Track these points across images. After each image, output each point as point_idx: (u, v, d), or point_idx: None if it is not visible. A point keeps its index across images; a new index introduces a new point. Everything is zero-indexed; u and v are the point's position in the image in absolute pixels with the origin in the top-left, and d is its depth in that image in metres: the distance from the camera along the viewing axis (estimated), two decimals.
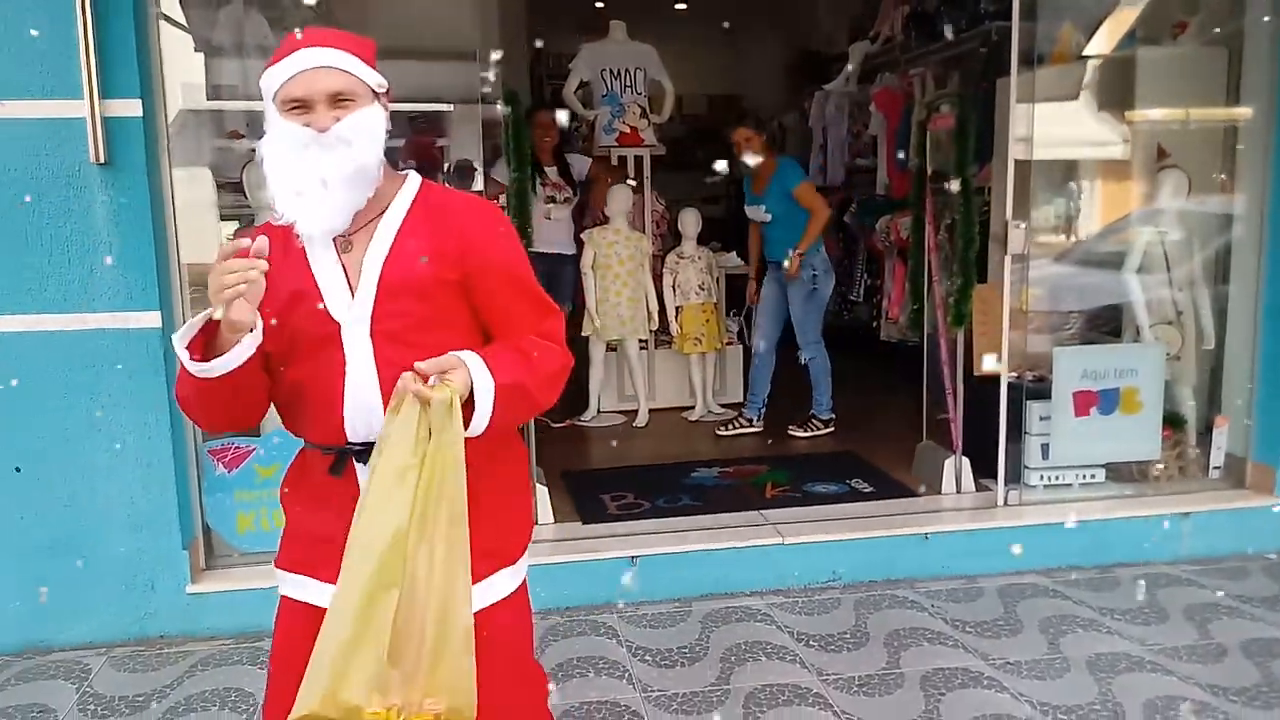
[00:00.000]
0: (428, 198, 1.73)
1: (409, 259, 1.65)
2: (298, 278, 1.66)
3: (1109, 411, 4.11)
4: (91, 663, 3.30)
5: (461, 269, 1.67)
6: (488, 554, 1.72)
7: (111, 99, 3.16)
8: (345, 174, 1.59)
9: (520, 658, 1.87)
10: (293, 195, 1.60)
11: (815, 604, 3.64)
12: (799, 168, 5.39)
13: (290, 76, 1.61)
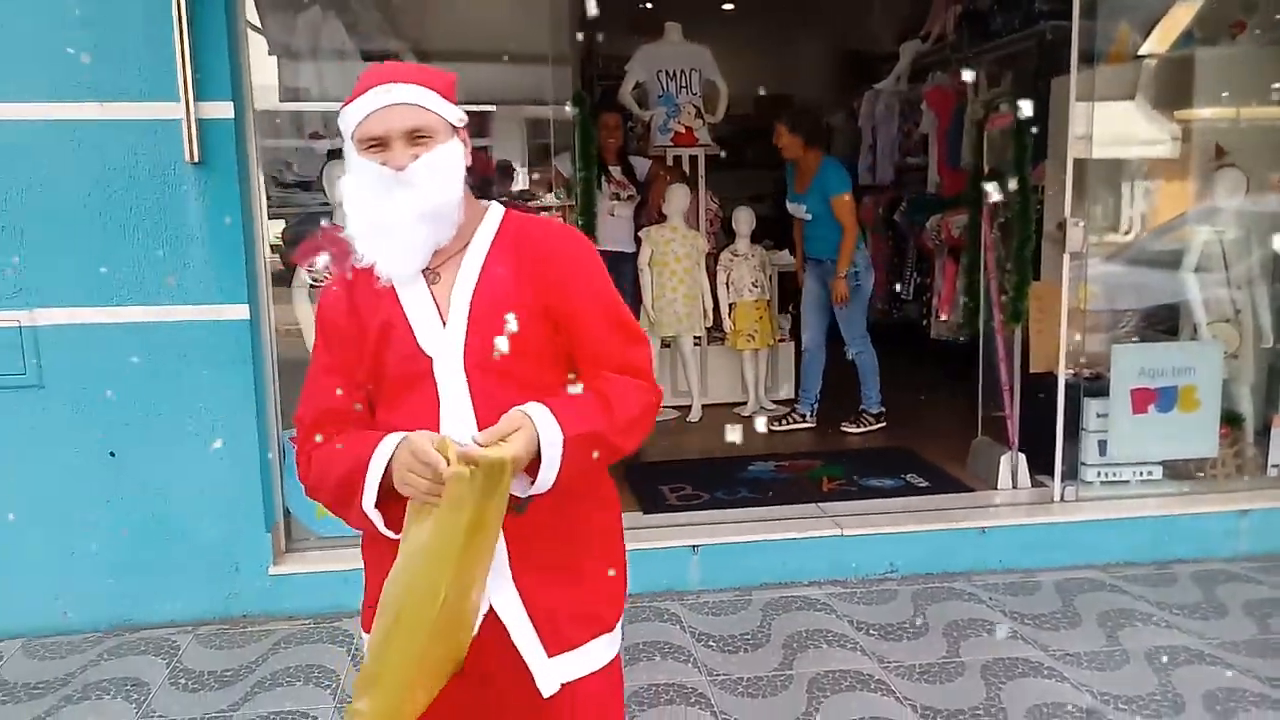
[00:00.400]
0: (512, 226, 1.67)
1: (497, 288, 1.60)
2: (388, 312, 1.59)
3: (1167, 409, 4.14)
4: (179, 640, 3.46)
5: (548, 298, 1.60)
6: (584, 619, 1.64)
7: (205, 101, 3.31)
8: (424, 212, 1.53)
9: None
10: (372, 236, 1.55)
11: (873, 595, 3.72)
12: (844, 174, 5.37)
13: (367, 114, 1.54)
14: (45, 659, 3.33)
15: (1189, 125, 4.69)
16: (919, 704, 2.97)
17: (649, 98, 5.97)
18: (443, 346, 1.57)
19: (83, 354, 3.38)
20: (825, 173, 5.26)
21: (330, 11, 4.18)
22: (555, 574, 1.62)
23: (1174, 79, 4.66)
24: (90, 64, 3.26)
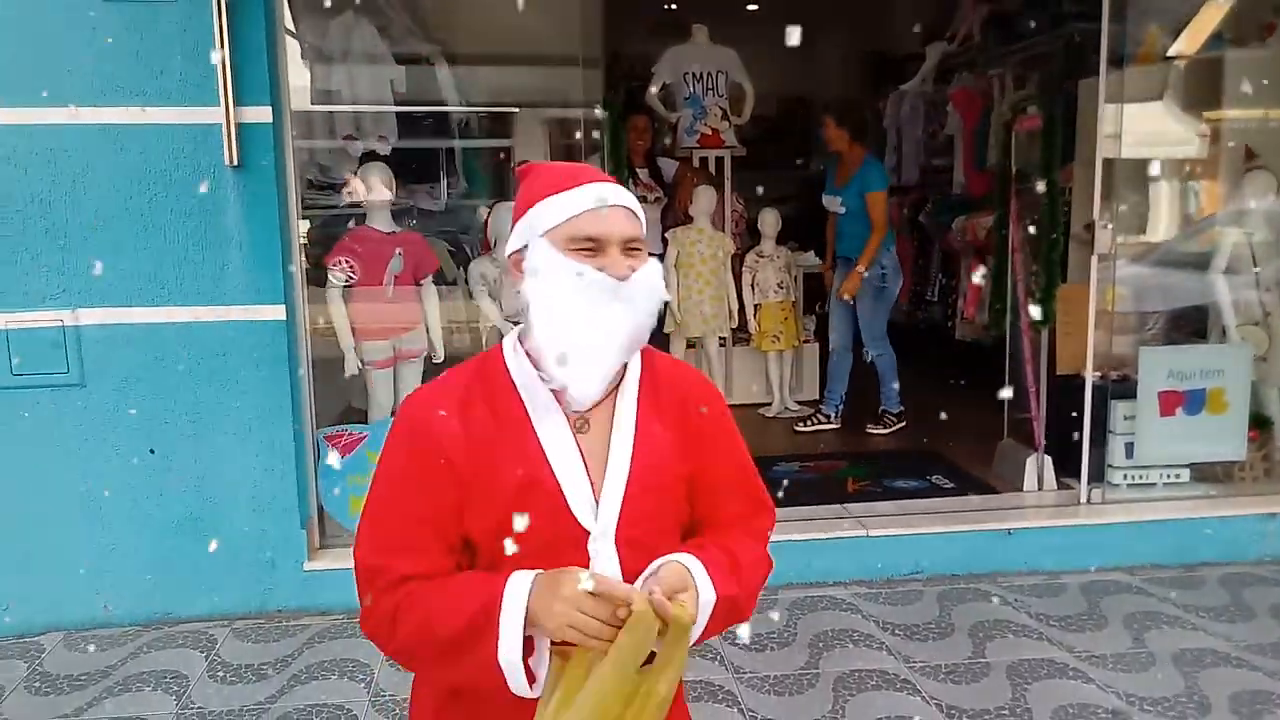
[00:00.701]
0: (654, 371, 1.46)
1: (654, 452, 1.40)
2: (532, 465, 1.35)
3: (1195, 412, 4.14)
4: (216, 633, 3.53)
5: (696, 463, 1.43)
6: None
7: (244, 106, 3.38)
8: (633, 333, 1.34)
9: None
10: (572, 350, 1.32)
11: (899, 595, 3.74)
12: (884, 173, 5.46)
13: (581, 211, 1.34)
14: (86, 651, 3.41)
15: (1218, 127, 4.69)
16: (944, 703, 3.00)
17: (675, 100, 6.01)
18: (599, 523, 1.35)
19: (123, 353, 3.46)
20: (867, 169, 5.31)
21: (363, 15, 4.24)
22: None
23: (1203, 81, 4.65)
24: (133, 69, 3.34)
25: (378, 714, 2.99)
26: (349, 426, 3.78)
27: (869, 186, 5.24)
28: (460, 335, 4.33)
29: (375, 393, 3.99)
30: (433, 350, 4.08)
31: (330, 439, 3.75)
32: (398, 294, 3.97)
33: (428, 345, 4.07)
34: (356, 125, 4.28)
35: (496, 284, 4.27)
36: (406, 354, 4.03)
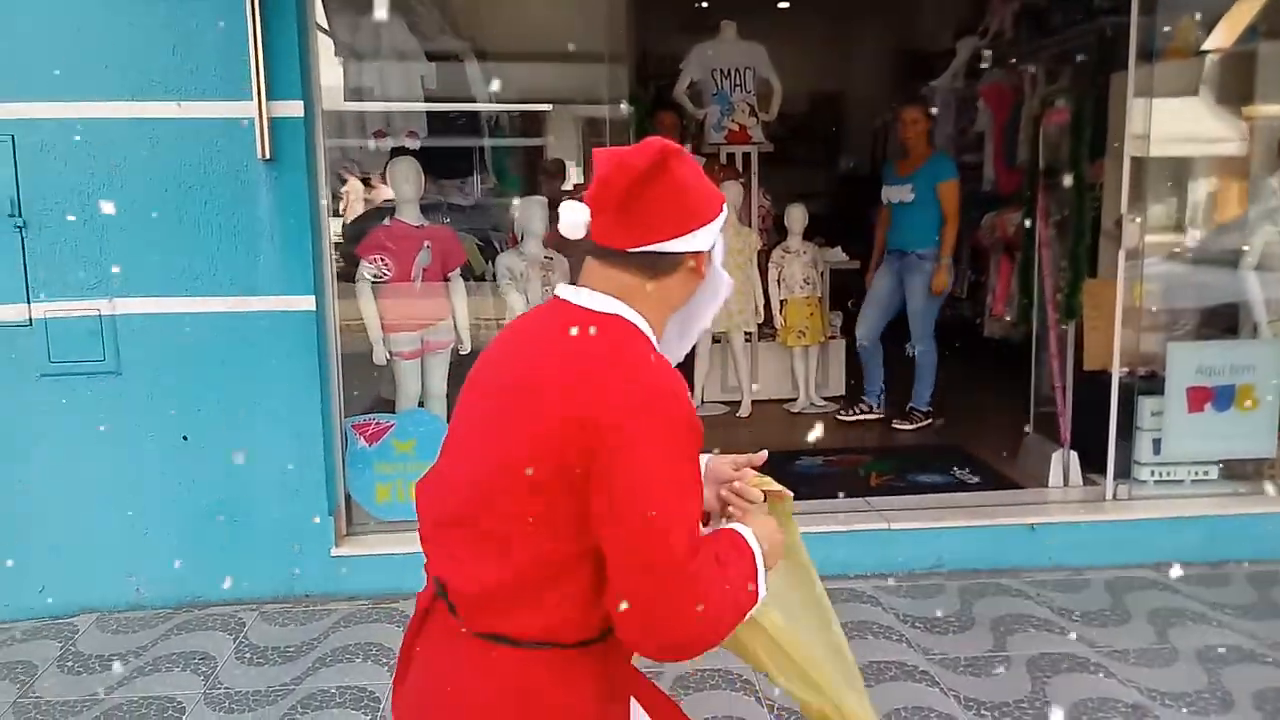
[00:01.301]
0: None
1: None
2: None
3: (1224, 408, 4.10)
4: (245, 617, 3.60)
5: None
6: None
7: (276, 100, 3.45)
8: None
9: None
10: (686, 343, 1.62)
11: (920, 589, 3.74)
12: (954, 165, 5.45)
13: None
14: (118, 632, 3.50)
15: (1252, 122, 4.63)
16: (963, 695, 3.00)
17: (703, 96, 6.03)
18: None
19: (158, 342, 3.54)
20: (937, 160, 5.33)
21: (394, 12, 4.30)
22: None
23: (1236, 75, 4.60)
24: (168, 65, 3.42)
25: None
26: (376, 415, 3.84)
27: (941, 176, 5.23)
28: (488, 329, 4.38)
29: (403, 383, 4.05)
30: (460, 342, 4.13)
31: (358, 427, 3.81)
32: (426, 287, 4.03)
33: (455, 338, 4.13)
34: (387, 121, 4.34)
35: (523, 278, 4.32)
36: (434, 346, 4.09)
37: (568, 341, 1.40)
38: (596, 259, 1.48)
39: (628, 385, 1.34)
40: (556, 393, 1.35)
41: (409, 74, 4.41)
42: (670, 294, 1.48)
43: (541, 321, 1.49)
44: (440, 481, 1.50)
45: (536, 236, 4.32)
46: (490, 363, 1.51)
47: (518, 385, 1.40)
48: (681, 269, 1.46)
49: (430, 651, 1.46)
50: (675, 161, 1.43)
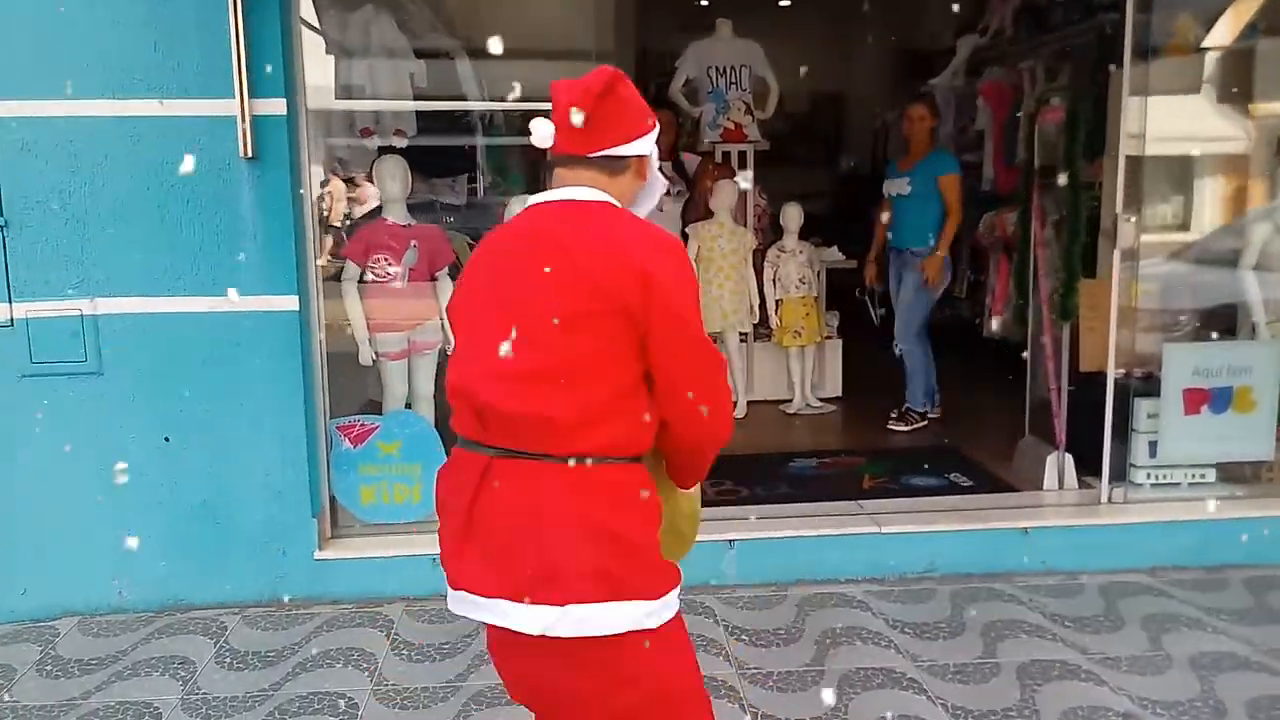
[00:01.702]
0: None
1: None
2: None
3: (1221, 410, 4.05)
4: (227, 620, 3.57)
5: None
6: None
7: (259, 98, 3.42)
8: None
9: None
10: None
11: (911, 594, 3.69)
12: (957, 160, 5.42)
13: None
14: (100, 636, 3.47)
15: (1252, 120, 4.56)
16: (950, 703, 2.95)
17: (699, 94, 5.99)
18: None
19: (140, 342, 3.51)
20: (938, 154, 5.28)
21: (382, 9, 4.26)
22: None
23: (1236, 72, 4.54)
24: (150, 63, 3.38)
25: (378, 703, 3.00)
26: (361, 417, 3.80)
27: (941, 170, 5.18)
28: None
29: (389, 384, 4.01)
30: (447, 343, 4.09)
31: (342, 429, 3.77)
32: (412, 287, 3.99)
33: (442, 338, 4.09)
34: (376, 119, 4.30)
35: None
36: (420, 346, 4.05)
37: (595, 220, 1.76)
38: (563, 166, 1.82)
39: (659, 244, 1.75)
40: (609, 257, 1.69)
41: (398, 72, 4.37)
42: (622, 191, 1.85)
43: (547, 216, 1.80)
44: (491, 354, 1.72)
45: None
46: (508, 253, 1.79)
47: (566, 258, 1.70)
48: (629, 170, 1.85)
49: (511, 492, 1.70)
50: (620, 85, 1.81)
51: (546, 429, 1.67)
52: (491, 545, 1.71)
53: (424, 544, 3.72)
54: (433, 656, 3.28)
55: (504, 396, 1.70)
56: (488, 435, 1.74)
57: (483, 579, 1.71)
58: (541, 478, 1.68)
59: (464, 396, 1.76)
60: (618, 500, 1.71)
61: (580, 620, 1.65)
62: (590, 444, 1.69)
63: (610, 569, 1.67)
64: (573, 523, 1.67)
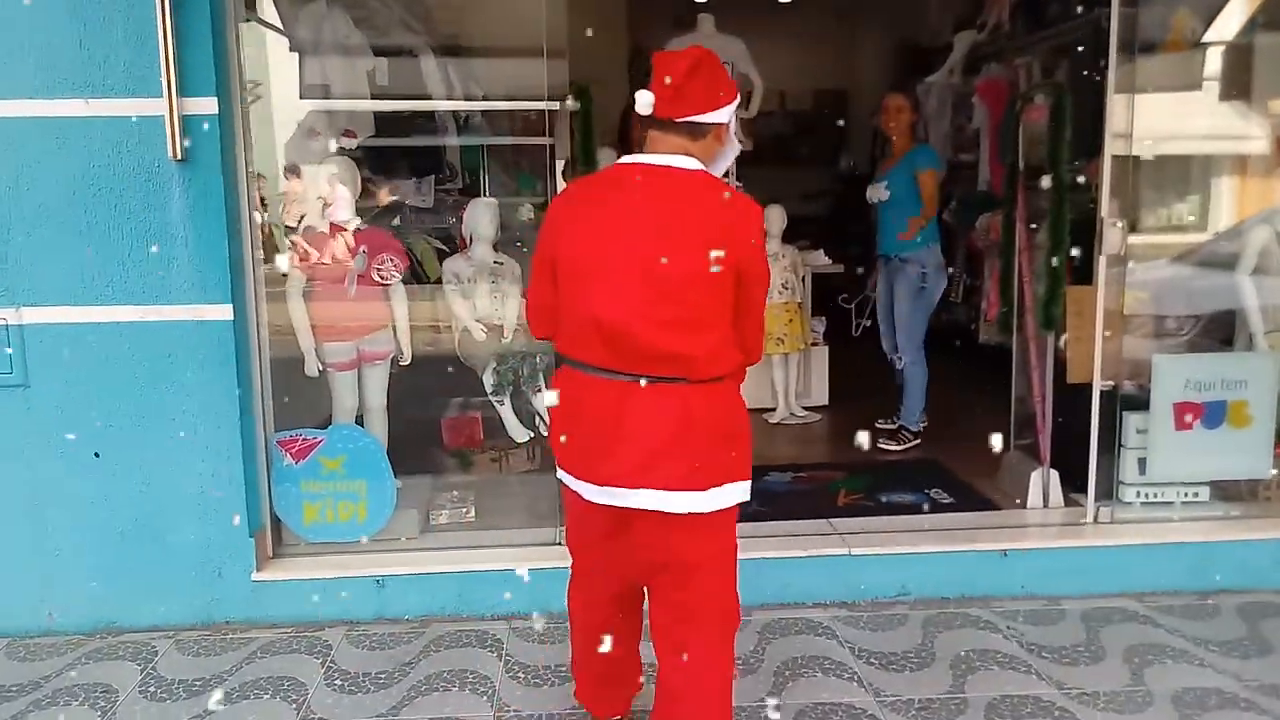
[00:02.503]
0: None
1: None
2: None
3: (1214, 425, 3.82)
4: (159, 645, 3.40)
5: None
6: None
7: (189, 97, 3.25)
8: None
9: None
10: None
11: (881, 620, 3.49)
12: (937, 157, 5.18)
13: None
14: (26, 660, 3.31)
15: (1249, 119, 4.34)
16: None
17: None
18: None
19: (68, 353, 3.34)
20: (917, 151, 5.02)
21: (336, 4, 4.09)
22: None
23: (1234, 69, 4.31)
24: (75, 60, 3.22)
25: None
26: (303, 431, 3.63)
27: (919, 165, 4.91)
28: (439, 335, 4.16)
29: (338, 396, 3.84)
30: (400, 353, 3.92)
31: (283, 444, 3.60)
32: (361, 293, 3.82)
33: (395, 347, 3.91)
34: (329, 120, 4.13)
35: (471, 283, 4.10)
36: (371, 356, 3.88)
37: (700, 190, 2.18)
38: (657, 129, 2.22)
39: (749, 215, 2.19)
40: (742, 229, 2.15)
41: (354, 70, 4.20)
42: (705, 154, 2.23)
43: (655, 182, 2.19)
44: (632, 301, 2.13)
45: (485, 240, 4.09)
46: (627, 212, 2.18)
47: (684, 223, 2.14)
48: (710, 135, 2.23)
49: (660, 407, 2.17)
50: (706, 61, 2.20)
51: (687, 362, 2.15)
52: (643, 448, 2.16)
53: (367, 565, 3.56)
54: (367, 687, 3.10)
55: (652, 338, 2.13)
56: (624, 364, 2.17)
57: (632, 475, 2.18)
58: (686, 396, 2.17)
59: (606, 332, 2.16)
60: (734, 408, 2.27)
61: (715, 499, 2.22)
62: (714, 370, 2.20)
63: (734, 459, 2.23)
64: (713, 427, 2.20)
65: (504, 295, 4.07)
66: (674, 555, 2.27)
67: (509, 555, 3.61)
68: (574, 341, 2.25)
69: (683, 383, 2.16)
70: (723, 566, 2.35)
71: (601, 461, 2.21)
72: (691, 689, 2.34)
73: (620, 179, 2.23)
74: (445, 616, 3.55)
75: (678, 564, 2.28)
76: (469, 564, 3.58)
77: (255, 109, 3.73)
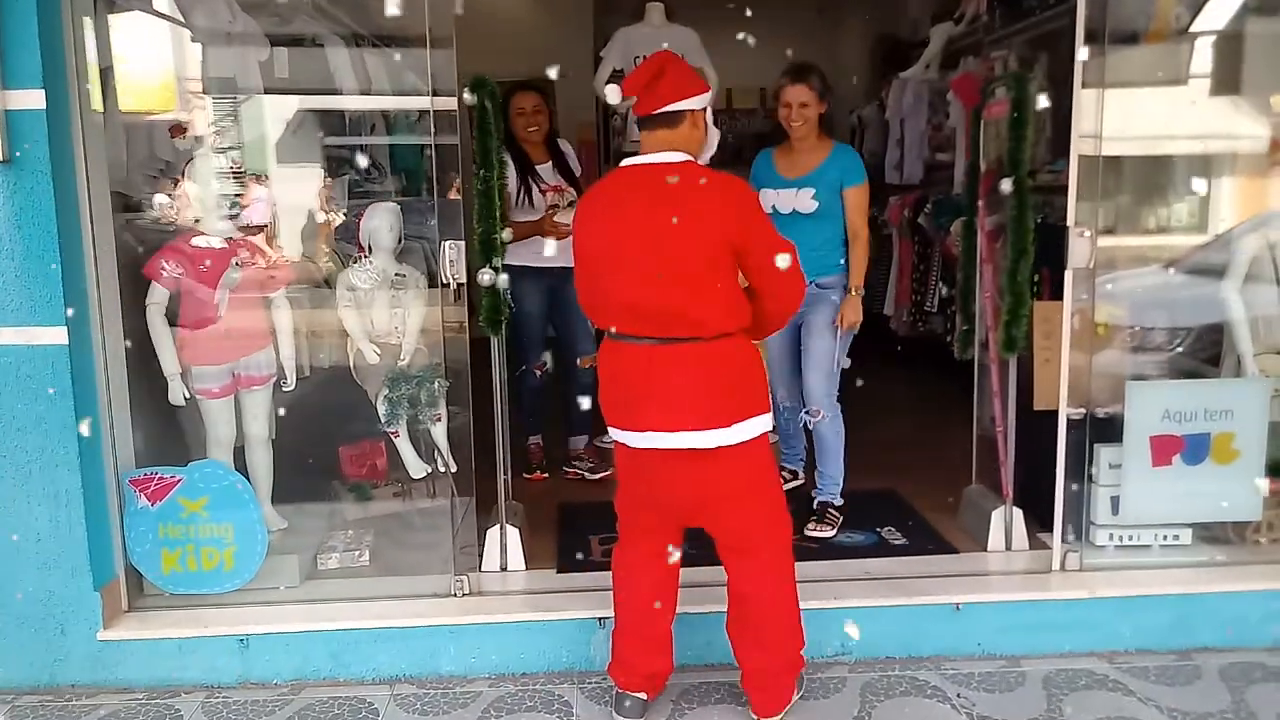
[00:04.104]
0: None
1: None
2: None
3: (1196, 460, 3.39)
4: None
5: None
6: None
7: (11, 89, 2.83)
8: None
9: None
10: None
11: (813, 685, 3.06)
12: (860, 161, 3.97)
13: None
14: None
15: (1240, 114, 3.91)
16: None
17: None
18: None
19: None
20: (842, 155, 3.79)
21: None
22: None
23: (1221, 62, 3.89)
24: None
25: None
26: (158, 469, 3.20)
27: (850, 179, 3.75)
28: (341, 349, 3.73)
29: (212, 426, 3.42)
30: (282, 376, 3.50)
31: (136, 483, 3.18)
32: (236, 311, 3.40)
33: (277, 371, 3.50)
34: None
35: (368, 297, 3.67)
36: (249, 380, 3.46)
37: (689, 180, 2.51)
38: (645, 129, 2.61)
39: (731, 187, 2.55)
40: (720, 210, 2.50)
41: (243, 60, 3.78)
42: (687, 143, 2.58)
43: (652, 178, 2.54)
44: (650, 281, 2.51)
45: (386, 250, 3.66)
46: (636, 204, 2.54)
47: (677, 211, 2.48)
48: (687, 123, 2.58)
49: (681, 363, 2.53)
50: (670, 63, 2.59)
51: (697, 324, 2.51)
52: (672, 398, 2.53)
53: (230, 621, 3.14)
54: None
55: (667, 309, 2.51)
56: (649, 330, 2.54)
57: (667, 420, 2.55)
58: (701, 351, 2.53)
59: (632, 310, 2.55)
60: (745, 357, 2.62)
61: (739, 432, 2.58)
62: (722, 328, 2.55)
63: (749, 398, 2.61)
64: (727, 374, 2.57)
65: (405, 310, 3.65)
66: (714, 487, 2.63)
67: (396, 610, 3.19)
68: (608, 318, 2.64)
69: (698, 341, 2.51)
70: (762, 489, 2.73)
71: (640, 412, 2.58)
72: (758, 589, 2.75)
73: (624, 179, 2.62)
74: (319, 680, 3.13)
75: (720, 495, 2.65)
76: (347, 620, 3.15)
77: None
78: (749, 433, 2.60)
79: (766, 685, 2.84)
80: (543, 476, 4.63)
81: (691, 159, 2.57)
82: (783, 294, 2.64)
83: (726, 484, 2.64)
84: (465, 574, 3.31)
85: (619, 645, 2.90)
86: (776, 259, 2.54)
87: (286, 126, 4.07)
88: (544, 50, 4.94)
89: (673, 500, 2.70)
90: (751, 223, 2.55)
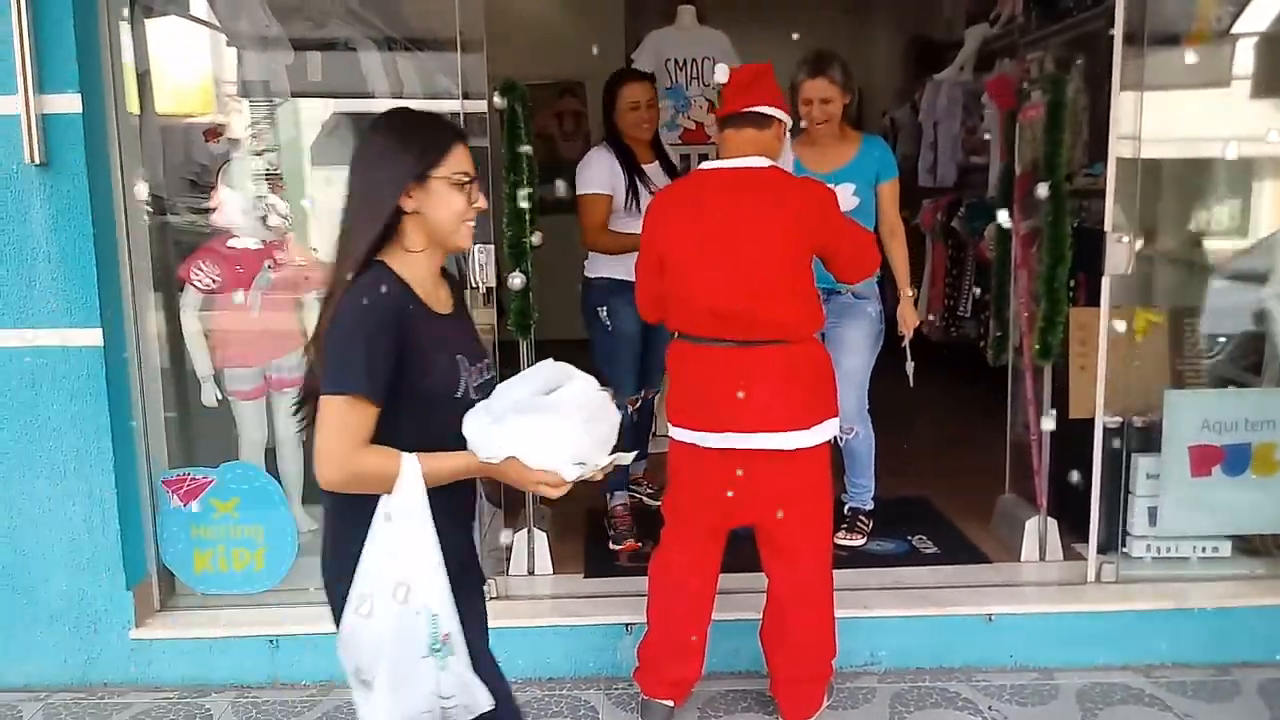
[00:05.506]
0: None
1: None
2: None
3: (1237, 471, 3.32)
4: (25, 709, 3.03)
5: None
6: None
7: (50, 94, 2.87)
8: None
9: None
10: None
11: (842, 695, 3.03)
12: (891, 151, 3.79)
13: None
14: None
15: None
16: None
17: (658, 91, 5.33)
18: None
19: None
20: (873, 147, 3.58)
21: None
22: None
23: (1265, 62, 3.80)
24: None
25: None
26: (191, 470, 3.23)
27: (888, 172, 3.58)
28: None
29: (244, 428, 3.45)
30: None
31: (170, 484, 3.21)
32: (269, 313, 3.43)
33: None
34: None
35: None
36: (281, 383, 3.48)
37: (776, 183, 2.60)
38: (731, 128, 2.63)
39: (819, 195, 2.64)
40: (800, 212, 2.58)
41: (271, 64, 3.80)
42: (771, 149, 2.62)
43: (739, 181, 2.60)
44: (739, 280, 2.55)
45: None
46: (723, 206, 2.58)
47: (765, 216, 2.56)
48: (773, 130, 2.63)
49: (763, 365, 2.57)
50: (764, 75, 2.65)
51: (785, 328, 2.58)
52: (757, 399, 2.55)
53: (260, 622, 3.16)
54: None
55: (756, 314, 2.55)
56: (733, 334, 2.57)
57: (751, 421, 2.57)
58: (788, 354, 2.58)
59: (716, 314, 2.57)
60: (823, 359, 2.71)
61: (816, 434, 2.63)
62: (806, 331, 2.65)
63: (826, 400, 2.68)
64: (809, 377, 2.63)
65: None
66: (783, 488, 2.65)
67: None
68: (686, 320, 2.66)
69: (784, 344, 2.56)
70: (822, 493, 2.77)
71: (721, 414, 2.58)
72: (799, 594, 2.77)
73: (705, 183, 2.66)
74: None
75: (785, 496, 2.66)
76: None
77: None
78: (824, 435, 2.66)
79: (797, 692, 2.82)
80: (635, 545, 3.70)
81: (776, 166, 2.61)
82: (858, 270, 2.80)
83: (796, 484, 2.66)
84: (493, 578, 3.30)
85: (649, 650, 2.87)
86: (859, 251, 2.73)
87: (321, 129, 4.09)
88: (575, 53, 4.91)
89: (741, 501, 2.68)
90: (835, 228, 2.64)
